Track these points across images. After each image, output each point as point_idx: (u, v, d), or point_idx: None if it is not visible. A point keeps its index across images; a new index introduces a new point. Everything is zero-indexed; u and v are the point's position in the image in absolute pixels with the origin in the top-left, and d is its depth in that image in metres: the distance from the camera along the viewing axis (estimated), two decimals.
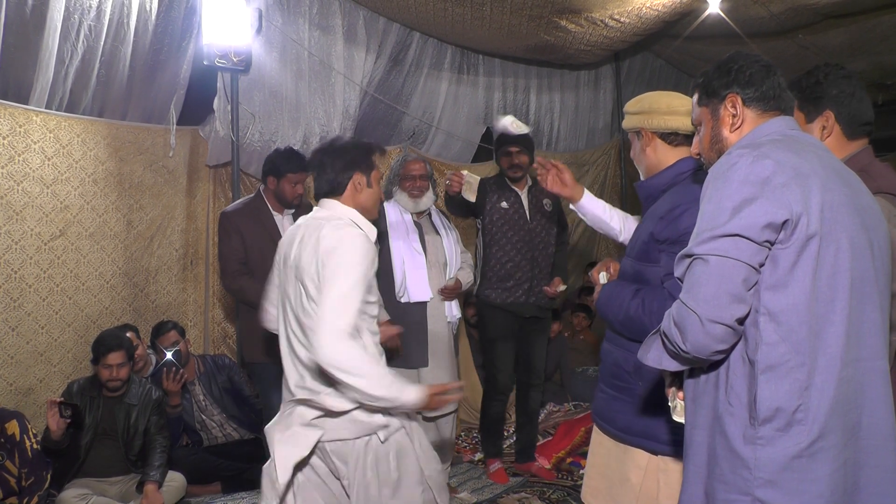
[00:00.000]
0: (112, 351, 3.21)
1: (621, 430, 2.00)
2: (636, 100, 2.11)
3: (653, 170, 2.06)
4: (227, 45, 3.71)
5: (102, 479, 3.30)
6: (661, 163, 2.04)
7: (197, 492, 3.64)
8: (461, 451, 4.31)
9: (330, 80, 4.40)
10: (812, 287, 1.37)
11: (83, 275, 3.56)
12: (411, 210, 3.51)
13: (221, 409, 3.80)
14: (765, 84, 1.55)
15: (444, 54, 5.14)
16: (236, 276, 3.26)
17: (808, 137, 1.55)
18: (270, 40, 4.08)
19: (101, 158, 3.61)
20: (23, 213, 3.32)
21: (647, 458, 1.96)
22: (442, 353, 3.49)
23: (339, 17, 4.38)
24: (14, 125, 3.26)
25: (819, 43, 5.27)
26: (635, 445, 1.96)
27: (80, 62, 3.38)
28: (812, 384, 1.37)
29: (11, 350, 3.32)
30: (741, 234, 1.35)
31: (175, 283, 4.02)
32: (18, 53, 3.22)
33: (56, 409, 3.06)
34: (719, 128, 1.60)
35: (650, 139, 2.04)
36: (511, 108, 5.71)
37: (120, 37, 3.49)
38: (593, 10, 4.47)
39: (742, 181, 1.38)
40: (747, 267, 1.36)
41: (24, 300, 3.34)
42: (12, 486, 3.01)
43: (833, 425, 1.38)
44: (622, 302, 1.92)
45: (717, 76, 1.59)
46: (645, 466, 1.96)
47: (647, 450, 1.95)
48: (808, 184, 1.38)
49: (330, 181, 2.19)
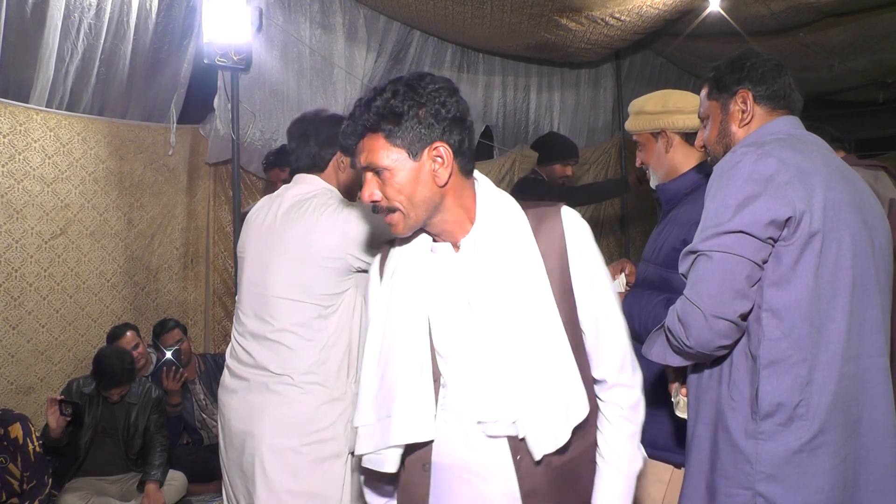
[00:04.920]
0: (115, 388, 3.21)
1: (646, 444, 1.95)
2: (655, 99, 2.01)
3: (674, 172, 1.98)
4: (227, 43, 3.70)
5: (102, 478, 3.30)
6: (682, 164, 1.97)
7: (198, 490, 3.63)
8: None
9: (331, 78, 4.40)
10: (814, 284, 1.38)
11: (84, 273, 3.56)
12: None
13: None
14: (776, 83, 1.56)
15: (444, 53, 5.14)
16: None
17: (812, 137, 1.56)
18: (271, 39, 4.08)
19: (102, 157, 3.61)
20: (23, 211, 3.32)
21: (669, 472, 1.90)
22: None
23: (339, 16, 4.38)
24: (14, 123, 3.25)
25: (819, 41, 5.28)
26: (660, 459, 1.89)
27: (80, 60, 3.38)
28: (813, 380, 1.38)
29: (12, 349, 3.31)
30: (745, 231, 1.35)
31: (176, 282, 4.02)
32: (19, 52, 3.22)
33: (56, 406, 3.05)
34: (728, 122, 1.60)
35: (671, 140, 1.97)
36: (511, 107, 5.71)
37: (120, 35, 3.49)
38: (594, 9, 4.47)
39: (746, 179, 1.38)
40: (750, 263, 1.36)
41: (24, 299, 3.34)
42: (15, 488, 3.01)
43: (834, 421, 1.38)
44: (653, 314, 1.82)
45: (729, 71, 1.60)
46: (668, 480, 1.90)
47: (671, 463, 1.89)
48: (811, 182, 1.39)
49: (311, 154, 2.05)
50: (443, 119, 1.25)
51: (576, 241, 1.32)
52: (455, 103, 1.27)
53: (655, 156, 2.01)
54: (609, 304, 1.35)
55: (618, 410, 1.34)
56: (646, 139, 2.03)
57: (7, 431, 3.02)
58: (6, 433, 3.01)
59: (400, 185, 1.25)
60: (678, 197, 1.96)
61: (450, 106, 1.26)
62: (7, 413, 3.10)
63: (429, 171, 1.26)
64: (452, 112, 1.26)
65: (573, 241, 1.32)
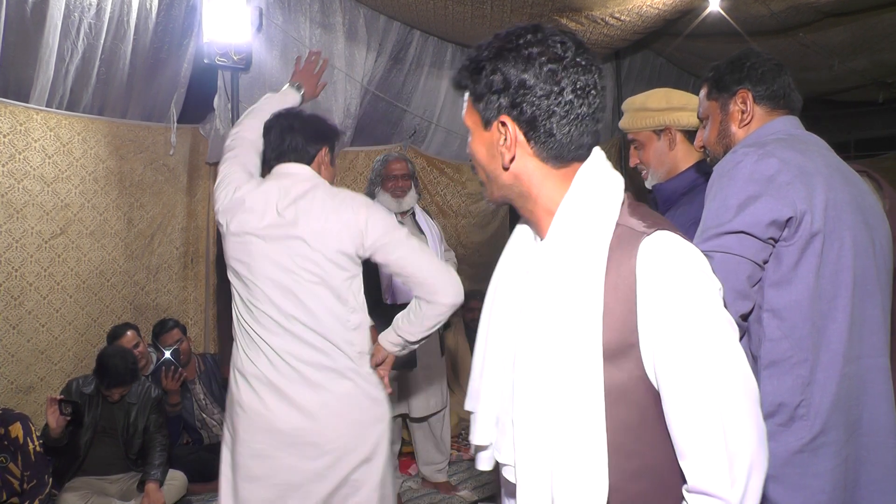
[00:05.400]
0: (118, 387, 3.21)
1: None
2: (657, 96, 1.99)
3: (674, 171, 1.97)
4: (227, 43, 3.70)
5: (102, 478, 3.30)
6: (682, 163, 1.96)
7: (198, 490, 3.63)
8: (461, 450, 4.31)
9: (331, 78, 4.40)
10: (815, 284, 1.38)
11: (84, 273, 3.56)
12: (394, 210, 3.48)
13: (222, 408, 3.79)
14: (776, 83, 1.56)
15: (444, 53, 5.14)
16: None
17: (812, 137, 1.56)
18: (271, 38, 4.08)
19: (102, 157, 3.61)
20: (23, 211, 3.32)
21: None
22: (428, 353, 3.49)
23: (339, 16, 4.38)
24: (14, 123, 3.25)
25: (820, 41, 5.27)
26: None
27: (80, 60, 3.38)
28: (814, 380, 1.38)
29: (12, 348, 3.31)
30: (746, 232, 1.35)
31: (176, 282, 4.02)
32: (19, 51, 3.22)
33: (56, 406, 3.05)
34: (728, 122, 1.60)
35: (675, 137, 1.96)
36: None
37: (120, 35, 3.49)
38: (594, 9, 4.47)
39: (747, 179, 1.38)
40: (752, 264, 1.36)
41: (24, 298, 3.34)
42: (15, 487, 3.02)
43: (835, 421, 1.38)
44: None
45: (729, 71, 1.59)
46: None
47: None
48: (812, 182, 1.39)
49: (297, 146, 2.07)
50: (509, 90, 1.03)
51: (655, 287, 0.97)
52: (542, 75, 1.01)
53: (656, 154, 1.99)
54: (703, 381, 0.96)
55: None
56: (646, 137, 2.00)
57: (7, 431, 3.02)
58: (6, 433, 3.02)
59: (473, 151, 1.11)
60: (675, 197, 1.96)
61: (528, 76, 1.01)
62: (7, 412, 3.11)
63: (497, 146, 1.07)
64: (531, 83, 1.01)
65: (650, 285, 0.97)
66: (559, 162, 1.06)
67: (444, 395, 3.62)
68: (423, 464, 3.75)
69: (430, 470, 3.73)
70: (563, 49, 1.02)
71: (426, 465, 3.73)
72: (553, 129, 1.02)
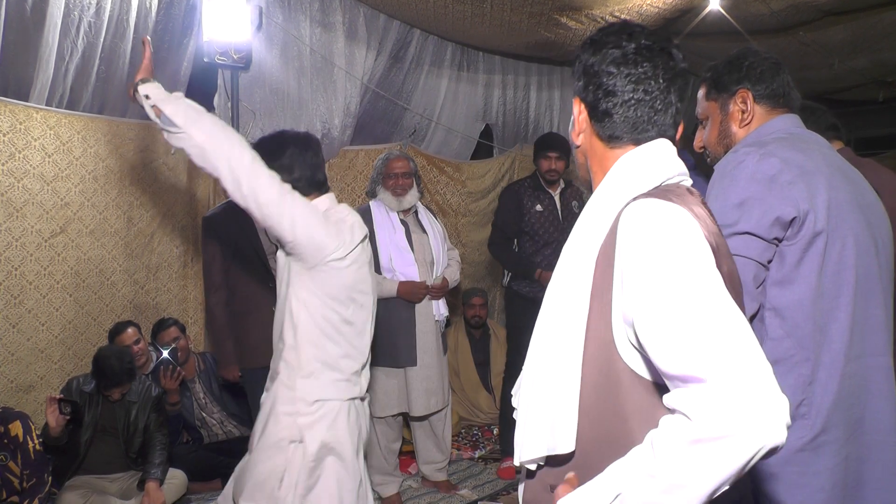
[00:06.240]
0: (115, 387, 3.21)
1: None
2: None
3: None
4: (227, 42, 3.70)
5: (103, 477, 3.30)
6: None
7: (198, 489, 3.64)
8: (461, 449, 4.31)
9: (331, 76, 4.40)
10: (817, 283, 1.38)
11: (83, 272, 3.55)
12: (396, 208, 3.49)
13: (221, 407, 3.79)
14: (775, 81, 1.55)
15: (444, 51, 5.14)
16: (213, 291, 3.31)
17: (813, 136, 1.56)
18: (271, 37, 4.07)
19: (102, 155, 3.60)
20: (23, 210, 3.32)
21: None
22: (430, 351, 3.49)
23: (339, 14, 4.37)
24: (14, 122, 3.25)
25: (820, 40, 5.27)
26: None
27: (80, 59, 3.37)
28: (816, 379, 1.38)
29: (12, 347, 3.31)
30: (750, 232, 1.35)
31: (175, 281, 4.02)
32: (18, 50, 3.21)
33: (55, 405, 3.05)
34: (728, 123, 1.60)
35: None
36: (511, 106, 5.71)
37: (120, 33, 3.48)
38: (594, 7, 4.47)
39: (749, 179, 1.38)
40: (757, 264, 1.36)
41: (24, 297, 3.34)
42: (15, 486, 3.02)
43: (836, 420, 1.38)
44: None
45: (727, 71, 1.59)
46: None
47: None
48: (814, 181, 1.39)
49: (320, 171, 2.20)
50: (586, 73, 1.16)
51: (626, 246, 1.00)
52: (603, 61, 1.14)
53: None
54: (668, 305, 0.93)
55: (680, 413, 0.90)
56: None
57: (7, 429, 3.02)
58: (6, 431, 3.02)
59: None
60: None
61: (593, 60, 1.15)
62: (7, 411, 3.11)
63: (573, 124, 1.21)
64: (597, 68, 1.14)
65: (622, 241, 1.01)
66: (615, 142, 1.14)
67: (445, 394, 3.61)
68: (423, 463, 3.75)
69: (430, 469, 3.73)
70: (629, 39, 1.12)
71: (426, 464, 3.73)
72: (610, 111, 1.12)
